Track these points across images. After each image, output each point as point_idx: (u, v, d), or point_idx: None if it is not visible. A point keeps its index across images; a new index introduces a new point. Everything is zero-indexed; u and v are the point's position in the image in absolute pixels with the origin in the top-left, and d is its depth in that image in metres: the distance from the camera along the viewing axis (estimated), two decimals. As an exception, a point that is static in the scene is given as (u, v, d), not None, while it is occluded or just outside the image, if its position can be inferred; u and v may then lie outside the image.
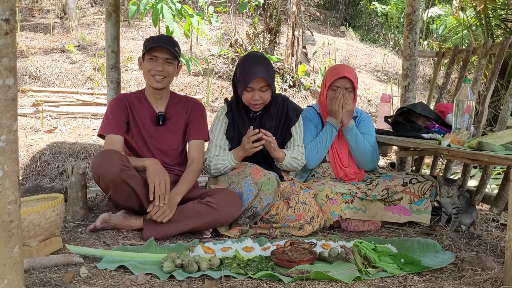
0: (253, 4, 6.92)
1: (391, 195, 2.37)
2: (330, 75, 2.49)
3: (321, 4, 12.45)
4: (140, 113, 2.33)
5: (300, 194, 2.27)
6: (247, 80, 2.23)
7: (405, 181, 2.40)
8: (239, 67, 2.32)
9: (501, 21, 5.43)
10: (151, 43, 2.23)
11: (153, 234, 2.02)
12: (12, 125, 1.14)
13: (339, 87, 2.45)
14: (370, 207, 2.35)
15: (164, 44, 2.22)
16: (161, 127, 2.34)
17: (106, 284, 1.54)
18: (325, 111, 2.57)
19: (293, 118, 2.43)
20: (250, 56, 2.36)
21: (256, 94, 2.26)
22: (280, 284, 1.59)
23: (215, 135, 2.40)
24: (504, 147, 1.74)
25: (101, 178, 2.05)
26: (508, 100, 2.63)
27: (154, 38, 2.27)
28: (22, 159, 3.40)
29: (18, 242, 1.17)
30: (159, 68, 2.23)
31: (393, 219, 2.36)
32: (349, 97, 2.44)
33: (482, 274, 1.68)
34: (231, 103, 2.45)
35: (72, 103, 5.13)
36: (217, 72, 6.73)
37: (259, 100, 2.28)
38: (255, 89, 2.26)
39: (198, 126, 2.38)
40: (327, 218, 2.28)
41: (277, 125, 2.42)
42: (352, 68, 2.56)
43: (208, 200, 2.09)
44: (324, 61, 7.96)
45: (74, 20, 8.00)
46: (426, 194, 2.38)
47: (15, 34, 1.12)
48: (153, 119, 2.33)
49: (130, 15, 4.57)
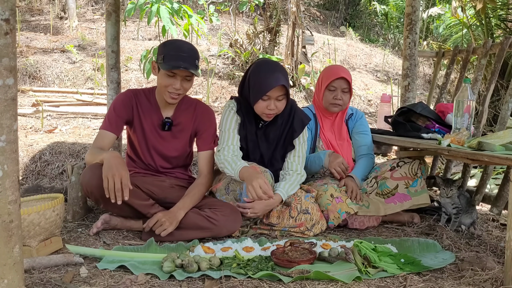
0: (253, 4, 6.92)
1: (384, 185, 2.37)
2: (327, 76, 2.50)
3: (321, 4, 12.44)
4: (147, 115, 2.22)
5: (302, 200, 2.23)
6: (266, 87, 2.08)
7: (392, 165, 2.42)
8: (254, 75, 2.16)
9: (501, 21, 5.43)
10: (171, 60, 2.02)
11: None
12: (12, 125, 1.14)
13: (336, 88, 2.47)
14: (372, 203, 2.36)
15: (186, 65, 2.02)
16: (166, 132, 2.24)
17: (106, 284, 1.54)
18: (321, 111, 2.59)
19: (297, 129, 2.29)
20: (266, 62, 2.19)
21: (272, 103, 2.12)
22: (280, 284, 1.59)
23: (226, 126, 2.23)
24: (504, 147, 1.74)
25: (91, 195, 2.02)
26: (508, 100, 2.63)
27: (175, 51, 2.04)
28: (22, 159, 3.40)
29: (18, 242, 1.17)
30: (177, 86, 2.07)
31: (396, 209, 2.35)
32: (345, 96, 2.49)
33: (482, 274, 1.68)
34: (240, 103, 2.27)
35: (72, 103, 5.13)
36: (217, 72, 6.73)
37: (273, 110, 2.14)
38: (272, 97, 2.12)
39: (207, 136, 2.26)
40: (335, 217, 2.26)
41: (280, 136, 2.31)
42: (345, 68, 2.58)
43: (210, 215, 2.04)
44: (324, 61, 7.96)
45: (74, 20, 7.99)
46: (418, 173, 2.38)
47: (15, 34, 1.12)
48: (159, 123, 2.22)
49: (127, 14, 4.57)
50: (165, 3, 4.62)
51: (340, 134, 2.60)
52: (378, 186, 2.40)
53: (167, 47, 2.08)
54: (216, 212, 2.06)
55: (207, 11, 6.37)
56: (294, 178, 2.26)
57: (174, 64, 2.01)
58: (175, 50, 2.05)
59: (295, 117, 2.29)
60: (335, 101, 2.49)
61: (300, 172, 2.30)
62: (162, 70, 2.06)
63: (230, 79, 6.74)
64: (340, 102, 2.49)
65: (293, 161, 2.31)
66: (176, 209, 2.03)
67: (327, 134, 2.58)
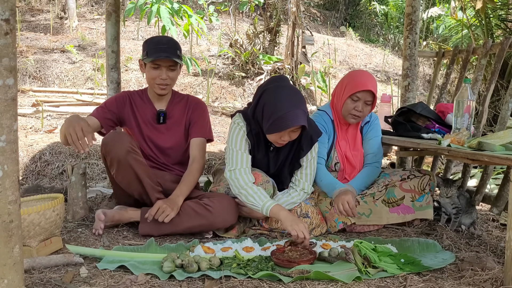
0: (253, 4, 6.92)
1: (392, 193, 2.35)
2: (353, 85, 2.31)
3: (321, 4, 12.45)
4: (142, 111, 2.32)
5: (302, 204, 2.22)
6: (283, 126, 1.93)
7: (403, 177, 2.40)
8: (271, 104, 1.96)
9: (501, 21, 5.43)
10: (153, 52, 2.18)
11: (149, 230, 2.05)
12: (12, 125, 1.14)
13: (359, 98, 2.30)
14: (375, 211, 2.32)
15: (166, 54, 2.18)
16: (161, 126, 2.32)
17: (106, 284, 1.54)
18: (338, 117, 2.43)
19: (305, 148, 2.16)
20: (284, 90, 1.99)
21: (286, 135, 2.00)
22: (280, 284, 1.59)
23: (237, 145, 2.10)
24: (504, 147, 1.74)
25: (107, 154, 2.08)
26: (508, 100, 2.63)
27: (155, 44, 2.21)
28: (22, 159, 3.40)
29: (18, 242, 1.17)
30: (163, 76, 2.22)
31: (398, 219, 2.34)
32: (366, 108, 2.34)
33: (482, 274, 1.68)
34: (249, 123, 2.12)
35: (72, 103, 5.14)
36: (217, 72, 6.73)
37: (286, 141, 2.04)
38: (286, 131, 1.99)
39: (200, 124, 2.33)
40: (331, 225, 2.27)
41: (288, 154, 2.21)
42: (373, 77, 2.40)
43: (206, 202, 2.08)
44: (324, 61, 7.96)
45: (74, 20, 8.00)
46: (426, 189, 2.37)
47: (15, 34, 1.12)
48: (153, 117, 2.32)
49: (127, 14, 4.57)
50: (165, 3, 4.63)
51: (354, 143, 2.47)
52: (386, 192, 2.36)
53: (148, 43, 2.24)
54: (213, 200, 2.09)
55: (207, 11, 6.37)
56: (296, 194, 2.21)
57: (156, 55, 2.17)
58: (155, 44, 2.21)
59: (304, 134, 2.11)
60: (355, 112, 2.33)
61: (307, 191, 2.23)
62: (147, 64, 2.21)
63: (230, 79, 6.74)
64: (360, 114, 2.34)
65: (300, 179, 2.23)
66: (175, 196, 2.08)
67: (341, 143, 2.44)
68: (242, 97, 6.38)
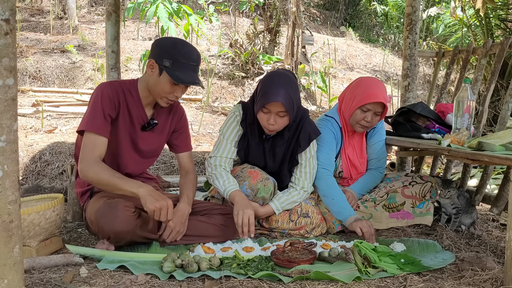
0: (253, 4, 6.92)
1: (393, 199, 2.36)
2: (364, 96, 2.23)
3: (321, 4, 12.46)
4: (134, 114, 2.02)
5: (302, 204, 2.23)
6: (265, 100, 2.00)
7: (405, 184, 2.40)
8: (261, 83, 2.10)
9: (501, 21, 5.43)
10: (182, 69, 1.86)
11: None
12: (12, 125, 1.14)
13: (370, 109, 2.24)
14: (375, 216, 2.34)
15: (197, 80, 1.90)
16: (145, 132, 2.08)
17: (106, 284, 1.54)
18: (345, 124, 2.38)
19: (302, 144, 2.17)
20: (277, 74, 2.10)
21: (272, 118, 2.03)
22: (280, 284, 1.59)
23: (226, 134, 2.18)
24: (504, 147, 1.74)
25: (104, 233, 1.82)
26: (508, 100, 2.63)
27: (185, 58, 1.86)
28: (22, 159, 3.40)
29: (18, 242, 1.17)
30: (179, 95, 1.96)
31: (397, 224, 2.35)
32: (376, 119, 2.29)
33: (482, 274, 1.68)
34: (246, 112, 2.18)
35: (72, 103, 5.14)
36: (217, 72, 6.73)
37: (273, 125, 2.05)
38: (272, 112, 2.03)
39: (186, 135, 2.22)
40: (330, 227, 2.27)
41: (287, 149, 2.21)
42: (384, 87, 2.32)
43: (222, 223, 2.06)
44: (324, 61, 7.96)
45: (74, 20, 8.00)
46: (427, 196, 2.38)
47: (15, 34, 1.12)
48: (140, 122, 2.03)
49: (127, 13, 4.57)
50: (164, 2, 4.63)
51: (361, 151, 2.44)
52: (388, 198, 2.37)
53: (176, 50, 1.86)
54: (227, 219, 2.06)
55: (207, 11, 6.37)
56: (296, 193, 2.20)
57: (187, 79, 1.86)
58: (186, 58, 1.87)
59: (302, 131, 2.17)
60: (364, 123, 2.28)
61: (306, 190, 2.23)
62: (168, 76, 1.85)
63: (230, 79, 6.74)
64: (369, 125, 2.29)
65: (300, 177, 2.22)
66: (183, 205, 1.98)
67: (348, 150, 2.41)
68: (242, 97, 6.38)
